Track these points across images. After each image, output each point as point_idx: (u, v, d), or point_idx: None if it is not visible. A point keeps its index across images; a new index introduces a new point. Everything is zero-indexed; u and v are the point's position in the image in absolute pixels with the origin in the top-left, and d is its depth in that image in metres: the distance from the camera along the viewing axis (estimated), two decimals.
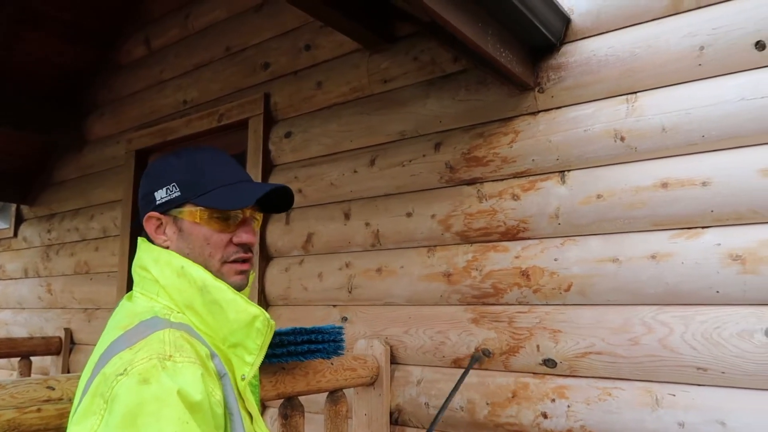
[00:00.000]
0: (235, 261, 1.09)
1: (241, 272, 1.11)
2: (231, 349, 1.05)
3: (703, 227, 1.69)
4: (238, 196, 1.08)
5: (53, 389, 1.26)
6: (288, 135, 2.77)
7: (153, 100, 3.59)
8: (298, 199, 2.67)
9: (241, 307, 1.04)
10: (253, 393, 1.14)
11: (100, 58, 4.02)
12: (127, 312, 1.04)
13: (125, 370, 0.87)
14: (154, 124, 3.52)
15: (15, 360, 3.73)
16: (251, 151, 2.87)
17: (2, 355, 3.51)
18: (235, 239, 1.09)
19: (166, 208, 1.09)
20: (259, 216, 1.18)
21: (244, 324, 1.04)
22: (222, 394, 0.96)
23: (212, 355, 0.99)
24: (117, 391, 0.85)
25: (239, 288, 1.11)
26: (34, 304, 4.26)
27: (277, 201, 1.19)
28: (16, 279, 4.50)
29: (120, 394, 0.85)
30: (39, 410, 1.23)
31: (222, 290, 1.04)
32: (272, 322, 1.07)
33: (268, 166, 2.82)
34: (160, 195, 1.09)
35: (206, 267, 1.07)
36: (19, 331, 4.29)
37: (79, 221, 4.03)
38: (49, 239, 4.27)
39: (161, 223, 1.10)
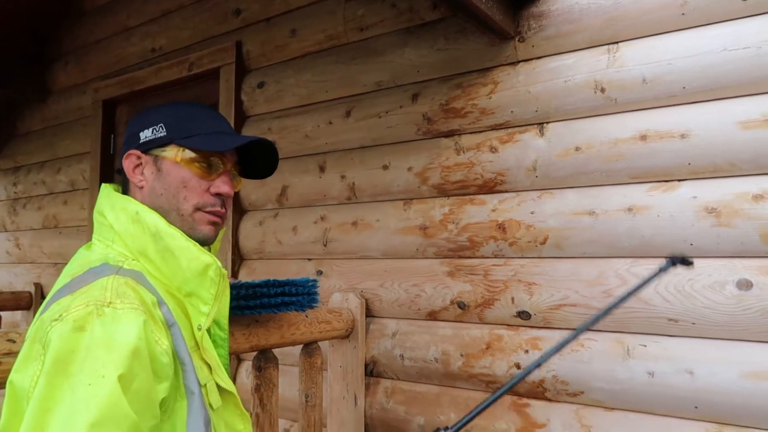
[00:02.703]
0: (209, 211, 1.07)
1: (213, 223, 1.08)
2: (187, 299, 1.03)
3: (679, 180, 1.68)
4: (222, 141, 1.07)
5: (14, 342, 1.22)
6: (261, 85, 2.68)
7: (119, 48, 3.44)
8: None
9: (194, 255, 1.01)
10: (220, 346, 1.11)
11: (63, 3, 3.82)
12: (81, 260, 1.02)
13: (60, 315, 0.85)
14: (121, 73, 3.38)
15: None
16: (223, 102, 2.78)
17: None
18: (213, 188, 1.07)
19: (148, 147, 1.06)
20: (240, 180, 1.16)
21: (197, 272, 1.01)
22: (170, 343, 0.93)
23: (160, 303, 0.96)
24: (51, 336, 0.83)
25: (207, 240, 1.08)
26: (2, 259, 4.16)
27: (259, 166, 1.17)
28: None
29: (53, 340, 0.83)
30: (0, 363, 1.19)
31: (175, 237, 1.01)
32: (224, 271, 1.04)
33: (241, 118, 2.74)
34: (145, 135, 1.06)
35: (178, 211, 1.05)
36: None
37: (45, 174, 3.91)
38: (15, 192, 4.14)
39: (140, 163, 1.07)
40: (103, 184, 1.11)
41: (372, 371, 2.22)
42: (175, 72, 3.03)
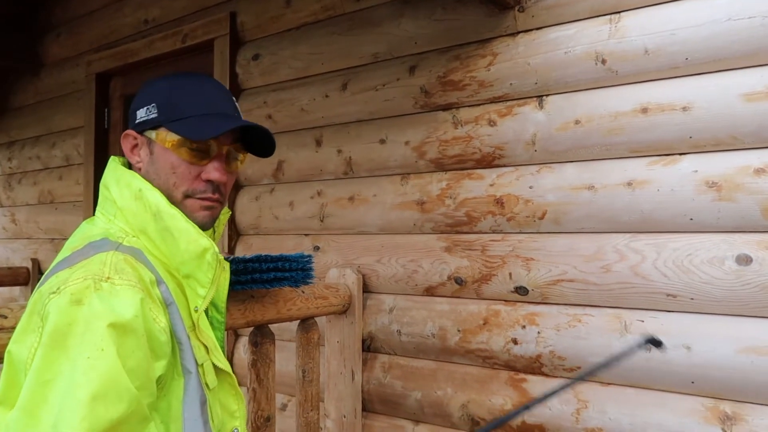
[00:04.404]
0: (200, 198, 1.04)
1: (206, 208, 1.04)
2: (185, 280, 1.02)
3: (680, 154, 1.65)
4: (209, 126, 1.01)
5: (5, 317, 1.21)
6: (256, 57, 2.63)
7: (112, 19, 3.37)
8: (267, 125, 2.55)
9: (192, 238, 0.99)
10: (217, 329, 1.10)
11: None
12: (82, 234, 1.01)
13: (58, 288, 0.85)
14: (114, 46, 3.32)
15: None
16: (217, 75, 2.73)
17: None
18: (204, 175, 1.03)
19: (142, 128, 1.04)
20: (243, 155, 1.11)
21: (195, 255, 0.99)
22: (168, 321, 0.93)
23: (158, 282, 0.95)
24: (49, 308, 0.83)
25: (203, 227, 1.05)
26: None
27: (258, 143, 1.12)
28: None
29: (51, 312, 0.82)
30: None
31: (175, 218, 0.99)
32: (221, 256, 1.03)
33: (236, 91, 2.69)
34: (140, 114, 1.04)
35: (170, 197, 1.02)
36: None
37: (40, 149, 3.86)
38: (10, 168, 4.11)
39: (137, 144, 1.05)
40: (111, 157, 1.09)
41: (369, 347, 2.22)
42: (168, 44, 2.97)
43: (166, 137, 1.01)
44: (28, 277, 3.72)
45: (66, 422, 0.76)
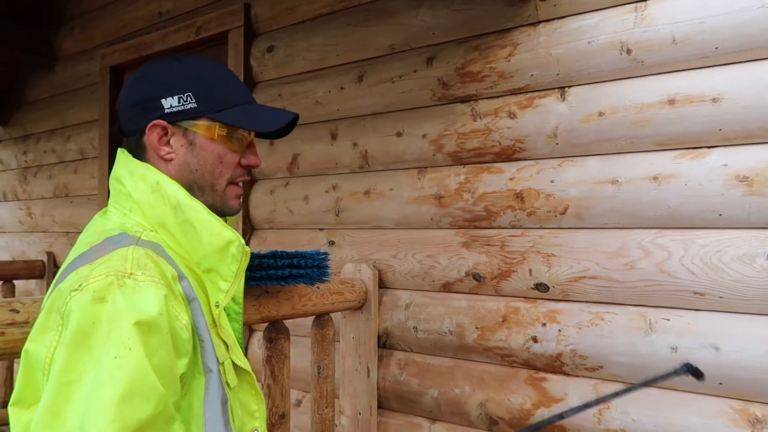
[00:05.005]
0: (237, 183, 1.06)
1: (239, 196, 1.08)
2: (206, 274, 0.99)
3: (709, 147, 1.59)
4: (260, 118, 1.04)
5: (17, 312, 1.19)
6: (270, 49, 2.60)
7: (126, 12, 3.35)
8: None
9: (216, 230, 0.97)
10: (234, 320, 1.08)
11: None
12: (97, 228, 0.97)
13: (80, 285, 0.81)
14: (128, 39, 3.30)
15: None
16: (231, 68, 2.69)
17: None
18: (244, 161, 1.05)
19: (176, 118, 0.99)
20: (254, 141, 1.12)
21: (218, 248, 0.97)
22: (190, 318, 0.90)
23: (180, 277, 0.92)
24: (71, 306, 0.80)
25: (234, 213, 1.07)
26: (15, 228, 4.16)
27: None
28: None
29: (73, 310, 0.79)
30: (3, 334, 1.16)
31: (197, 210, 0.97)
32: (247, 248, 1.00)
33: (250, 84, 2.66)
34: (171, 103, 0.99)
35: (212, 186, 1.02)
36: (1, 255, 4.22)
37: (55, 142, 3.87)
38: (25, 161, 4.12)
39: (166, 133, 1.00)
40: (120, 149, 1.05)
41: (385, 343, 2.18)
42: (182, 36, 2.94)
43: (213, 128, 1.00)
44: (43, 270, 3.72)
45: (94, 424, 0.73)
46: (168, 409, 0.81)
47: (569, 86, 1.82)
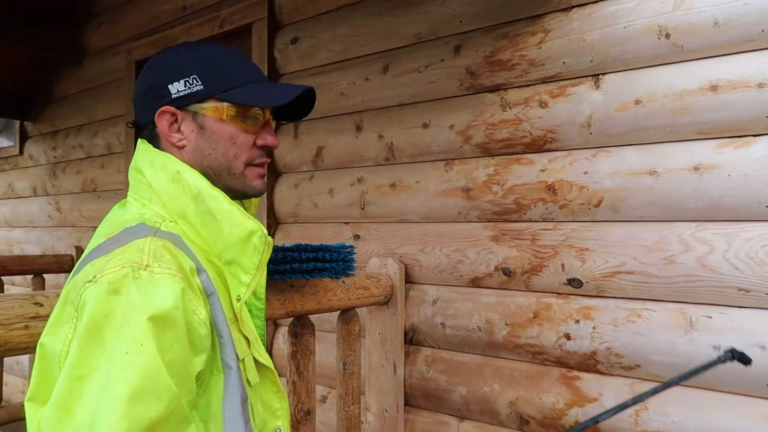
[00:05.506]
0: (258, 165, 1.01)
1: (263, 176, 1.03)
2: (227, 267, 0.95)
3: (754, 135, 1.51)
4: (269, 94, 0.99)
5: (41, 305, 1.17)
6: (294, 41, 2.56)
7: (151, 6, 3.35)
8: None
9: (237, 220, 0.93)
10: (256, 316, 1.04)
11: None
12: (116, 219, 0.95)
13: (94, 277, 0.78)
14: (153, 33, 3.30)
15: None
16: (255, 60, 2.67)
17: (15, 272, 3.51)
18: (260, 141, 1.01)
19: (184, 102, 0.96)
20: (273, 123, 1.07)
21: (240, 239, 0.93)
22: (208, 313, 0.86)
23: (199, 270, 0.88)
24: (85, 298, 0.77)
25: (260, 193, 1.03)
26: (45, 223, 4.22)
27: (294, 108, 1.09)
28: (25, 198, 4.44)
29: (87, 302, 0.76)
30: (26, 327, 1.14)
31: (218, 200, 0.93)
32: (270, 239, 0.96)
33: (274, 76, 2.63)
34: (177, 88, 0.96)
35: (229, 170, 0.98)
36: (32, 250, 4.28)
37: (83, 138, 3.90)
38: (54, 157, 4.17)
39: (176, 119, 0.97)
40: (139, 140, 1.03)
41: (411, 339, 2.14)
42: (206, 30, 2.93)
43: (222, 109, 0.97)
44: (72, 264, 3.76)
45: (103, 421, 0.70)
46: (181, 408, 0.78)
47: (604, 73, 1.74)
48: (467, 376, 1.99)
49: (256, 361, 0.97)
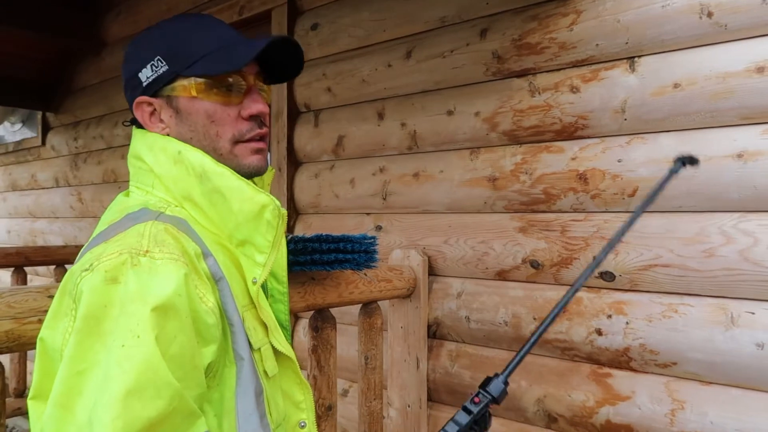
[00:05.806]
0: (249, 139, 0.91)
1: (258, 151, 0.93)
2: (240, 249, 0.89)
3: None
4: (232, 56, 0.88)
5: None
6: (314, 27, 2.50)
7: None
8: (326, 99, 2.44)
9: (247, 195, 0.86)
10: (279, 301, 0.98)
11: None
12: (119, 206, 0.89)
13: (91, 265, 0.73)
14: None
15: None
16: None
17: (37, 263, 3.52)
18: (244, 112, 0.91)
19: (155, 88, 0.90)
20: (268, 88, 0.98)
21: (252, 216, 0.86)
22: (217, 300, 0.80)
23: (205, 255, 0.82)
24: (82, 288, 0.72)
25: (259, 171, 0.93)
26: (67, 213, 4.23)
27: (286, 66, 0.98)
28: (48, 188, 4.47)
29: (84, 292, 0.71)
30: (40, 321, 1.10)
31: (224, 176, 0.86)
32: (284, 211, 0.88)
33: None
34: (146, 75, 0.90)
35: (215, 151, 0.90)
36: (55, 240, 4.31)
37: (103, 128, 3.90)
38: (76, 147, 4.17)
39: (154, 109, 0.91)
40: (134, 128, 0.96)
41: (435, 333, 2.08)
42: (225, 17, 2.87)
43: (190, 86, 0.89)
44: None
45: (99, 420, 0.65)
46: (186, 404, 0.72)
47: (639, 56, 1.65)
48: (492, 371, 1.92)
49: (275, 350, 0.91)
